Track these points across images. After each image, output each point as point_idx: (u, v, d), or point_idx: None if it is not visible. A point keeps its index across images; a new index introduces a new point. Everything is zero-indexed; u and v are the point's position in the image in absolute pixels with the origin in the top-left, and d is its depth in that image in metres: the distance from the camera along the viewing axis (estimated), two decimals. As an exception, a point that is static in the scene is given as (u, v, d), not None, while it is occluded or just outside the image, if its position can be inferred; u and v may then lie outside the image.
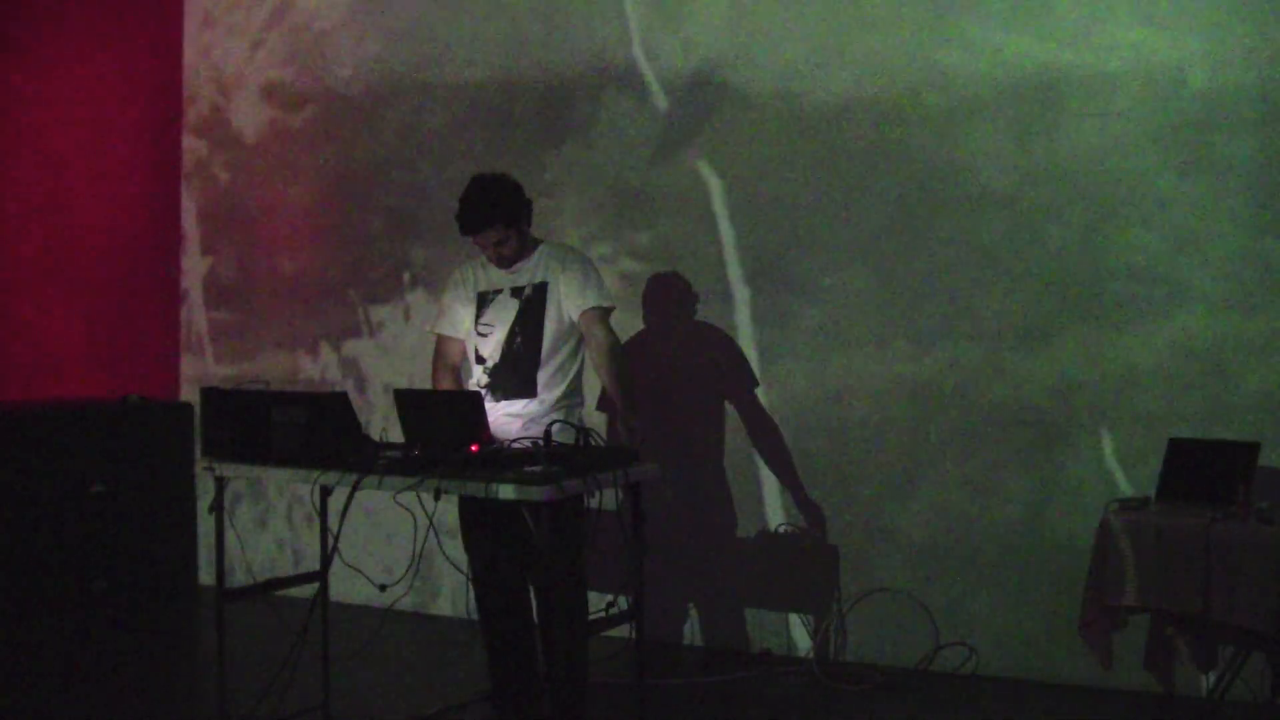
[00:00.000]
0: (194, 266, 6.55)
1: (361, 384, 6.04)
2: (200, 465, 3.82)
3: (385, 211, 6.01)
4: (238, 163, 6.41)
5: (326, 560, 4.10)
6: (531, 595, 4.10)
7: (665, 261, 5.29)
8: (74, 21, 6.15)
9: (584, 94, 5.47)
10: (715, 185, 5.21)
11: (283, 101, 6.27)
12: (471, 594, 4.14)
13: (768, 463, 5.12)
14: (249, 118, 6.37)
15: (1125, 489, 4.45)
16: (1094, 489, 4.50)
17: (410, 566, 4.26)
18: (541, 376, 4.06)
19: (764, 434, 5.13)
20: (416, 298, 5.89)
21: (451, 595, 5.67)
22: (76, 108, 6.18)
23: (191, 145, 6.54)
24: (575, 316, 4.07)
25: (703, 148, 5.23)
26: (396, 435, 3.83)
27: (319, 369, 6.17)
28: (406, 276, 5.93)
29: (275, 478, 4.77)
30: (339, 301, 6.12)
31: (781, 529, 5.11)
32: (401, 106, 5.96)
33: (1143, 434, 4.47)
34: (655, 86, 5.33)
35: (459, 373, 4.28)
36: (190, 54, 6.53)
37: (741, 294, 5.16)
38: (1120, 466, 4.53)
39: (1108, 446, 4.56)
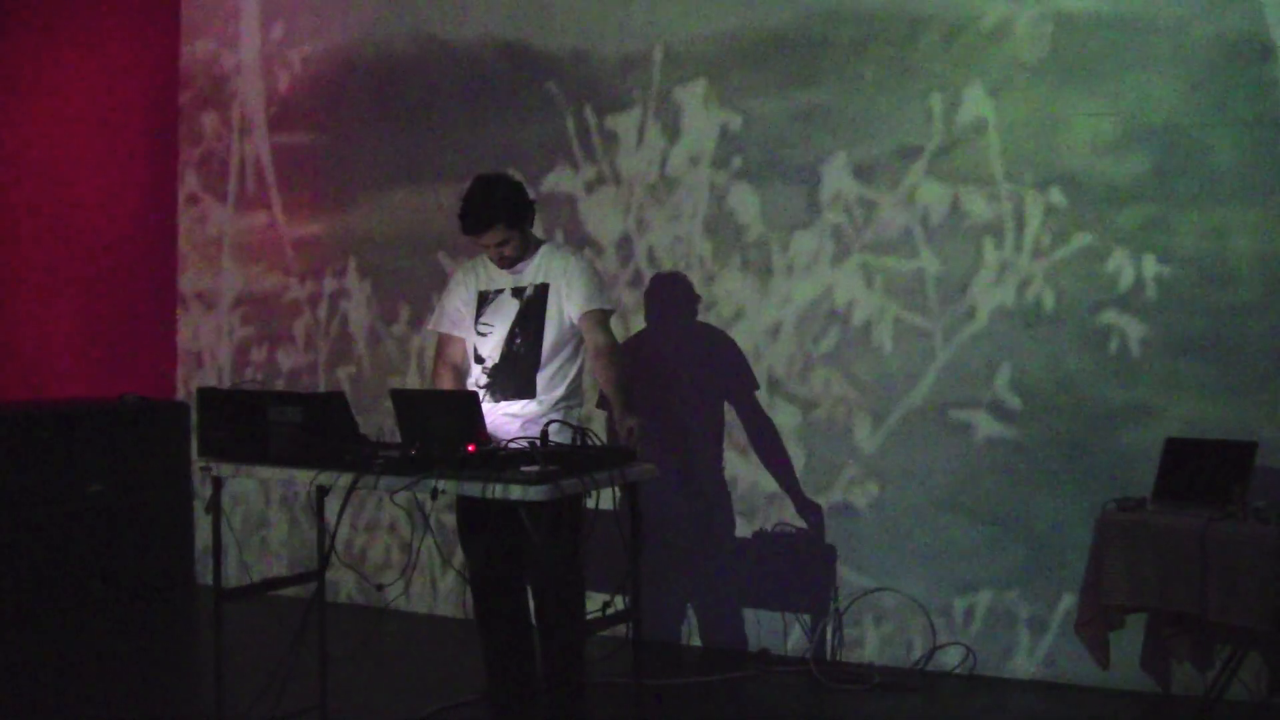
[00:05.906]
0: (194, 264, 6.54)
1: (360, 385, 6.04)
2: (197, 465, 3.81)
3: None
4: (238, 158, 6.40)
5: (324, 560, 4.10)
6: (529, 595, 4.10)
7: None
8: (73, 19, 6.14)
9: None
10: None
11: (285, 101, 6.27)
12: (469, 594, 4.13)
13: (767, 464, 5.12)
14: (248, 115, 6.36)
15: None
16: (1093, 487, 4.50)
17: (407, 566, 4.26)
18: (541, 378, 4.05)
19: (764, 435, 5.13)
20: (422, 298, 5.86)
21: (449, 595, 5.66)
22: (76, 107, 6.17)
23: (190, 142, 6.54)
24: (575, 318, 4.07)
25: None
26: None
27: (318, 369, 6.17)
28: (411, 276, 5.93)
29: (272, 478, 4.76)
30: (341, 299, 6.12)
31: (780, 529, 5.11)
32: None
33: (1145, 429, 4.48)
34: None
35: (459, 371, 4.27)
36: (188, 51, 6.52)
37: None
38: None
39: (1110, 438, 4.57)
